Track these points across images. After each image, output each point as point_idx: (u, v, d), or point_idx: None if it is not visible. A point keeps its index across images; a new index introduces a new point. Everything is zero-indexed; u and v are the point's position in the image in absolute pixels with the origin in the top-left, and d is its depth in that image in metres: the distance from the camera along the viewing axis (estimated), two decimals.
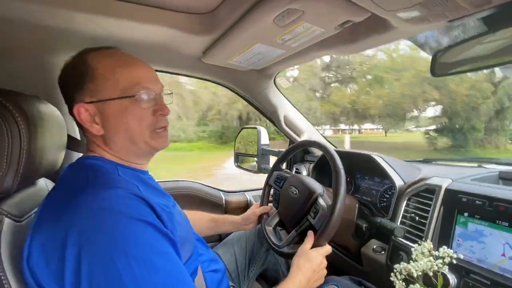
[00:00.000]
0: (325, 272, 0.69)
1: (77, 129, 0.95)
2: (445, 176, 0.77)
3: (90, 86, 0.53)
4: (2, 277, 0.44)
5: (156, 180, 0.66)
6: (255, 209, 0.97)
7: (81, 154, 0.89)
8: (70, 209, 0.44)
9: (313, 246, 0.68)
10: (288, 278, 0.63)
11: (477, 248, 0.61)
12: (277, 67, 1.10)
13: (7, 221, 0.49)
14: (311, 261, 0.65)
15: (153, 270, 0.43)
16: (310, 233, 0.70)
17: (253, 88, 1.25)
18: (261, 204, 0.99)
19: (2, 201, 0.50)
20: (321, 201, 0.73)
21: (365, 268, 0.89)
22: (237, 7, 0.69)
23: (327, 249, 0.70)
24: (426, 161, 1.14)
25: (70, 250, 0.41)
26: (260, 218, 0.95)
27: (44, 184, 0.66)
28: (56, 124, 0.61)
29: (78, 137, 0.94)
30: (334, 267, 1.06)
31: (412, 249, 0.54)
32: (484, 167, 0.92)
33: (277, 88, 1.29)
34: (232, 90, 1.28)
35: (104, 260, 0.40)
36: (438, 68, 0.73)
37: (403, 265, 0.51)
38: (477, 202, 0.64)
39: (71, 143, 0.77)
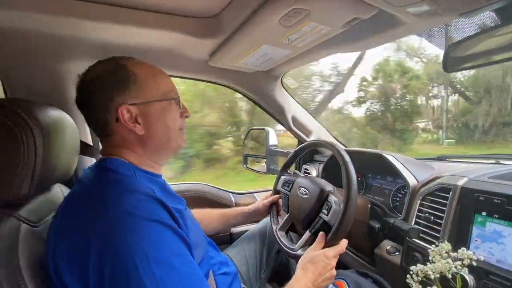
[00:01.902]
0: (334, 273, 0.67)
1: (89, 135, 0.97)
2: (460, 174, 0.74)
3: (133, 89, 0.56)
4: (21, 283, 0.45)
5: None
6: (265, 200, 0.98)
7: (93, 159, 0.92)
8: (92, 212, 0.46)
9: (328, 245, 0.66)
10: (294, 280, 0.62)
11: (497, 249, 0.59)
12: (284, 67, 1.09)
13: (24, 227, 0.50)
14: (316, 263, 0.64)
15: (173, 271, 0.44)
16: (321, 235, 0.69)
17: (260, 90, 1.25)
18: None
19: (18, 207, 0.51)
20: (332, 197, 0.72)
21: (379, 269, 0.88)
22: (242, 9, 0.68)
23: (339, 248, 0.67)
24: (440, 158, 1.11)
25: (92, 252, 0.42)
26: (270, 208, 0.96)
27: (59, 190, 0.68)
28: (69, 131, 0.62)
29: (91, 142, 0.96)
30: (346, 268, 1.05)
31: (429, 250, 0.52)
32: (502, 164, 0.89)
33: (284, 89, 1.29)
34: (239, 92, 1.28)
35: (125, 262, 0.41)
36: (451, 63, 0.70)
37: (419, 267, 0.50)
38: (495, 200, 0.61)
39: (84, 149, 0.79)
